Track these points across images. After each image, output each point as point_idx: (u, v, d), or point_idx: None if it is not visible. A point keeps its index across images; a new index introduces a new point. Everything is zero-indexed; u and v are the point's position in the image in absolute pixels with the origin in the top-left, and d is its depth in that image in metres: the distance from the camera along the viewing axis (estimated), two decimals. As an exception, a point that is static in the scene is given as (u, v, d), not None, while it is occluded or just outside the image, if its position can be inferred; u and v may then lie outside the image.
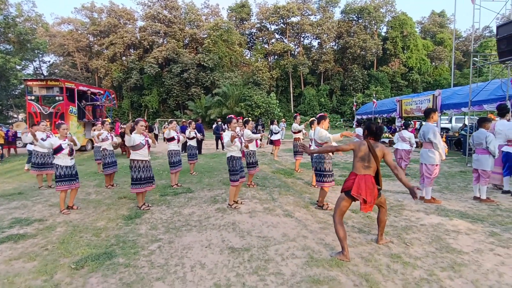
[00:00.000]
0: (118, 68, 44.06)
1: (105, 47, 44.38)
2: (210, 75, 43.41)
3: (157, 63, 42.40)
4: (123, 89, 44.76)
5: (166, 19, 44.59)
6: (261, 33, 50.29)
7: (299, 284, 2.86)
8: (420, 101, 15.22)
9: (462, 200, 5.52)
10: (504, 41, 8.59)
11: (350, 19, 48.67)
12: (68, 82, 14.09)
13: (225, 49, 44.28)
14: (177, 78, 43.41)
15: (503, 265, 3.12)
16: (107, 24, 43.20)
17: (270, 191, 6.58)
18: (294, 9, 45.65)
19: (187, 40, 48.09)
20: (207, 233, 4.20)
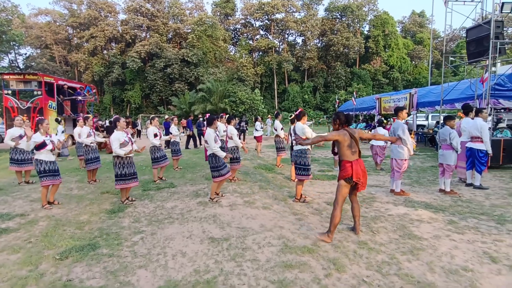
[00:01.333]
0: (99, 62, 43.08)
1: (85, 40, 43.23)
2: (194, 71, 43.12)
3: (139, 58, 41.69)
4: (105, 84, 43.81)
5: (149, 12, 43.85)
6: (246, 29, 50.28)
7: (273, 268, 3.10)
8: (398, 99, 15.80)
9: (429, 192, 5.93)
10: (473, 44, 9.12)
11: (334, 17, 49.33)
12: (47, 76, 13.77)
13: (210, 44, 44.02)
14: (160, 73, 42.90)
15: (456, 248, 3.48)
16: (87, 16, 42.07)
17: (251, 185, 6.81)
18: (278, 6, 45.81)
19: (171, 35, 47.49)
20: (188, 225, 4.38)
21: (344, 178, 3.74)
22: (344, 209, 4.80)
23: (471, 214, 4.60)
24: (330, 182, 7.01)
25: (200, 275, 3.00)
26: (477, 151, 6.07)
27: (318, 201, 5.43)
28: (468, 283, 2.78)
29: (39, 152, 5.33)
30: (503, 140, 8.50)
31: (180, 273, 3.05)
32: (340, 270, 3.04)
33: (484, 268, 3.04)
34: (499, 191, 5.97)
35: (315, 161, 10.03)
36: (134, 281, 2.93)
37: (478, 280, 2.82)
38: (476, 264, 3.12)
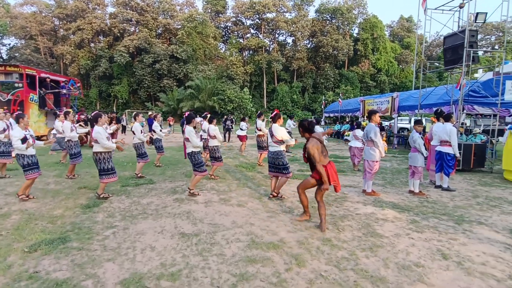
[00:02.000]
0: (86, 55, 42.33)
1: (71, 32, 42.36)
2: (183, 67, 42.87)
3: (127, 52, 41.17)
4: (91, 78, 43.08)
5: (138, 6, 43.32)
6: (237, 27, 50.24)
7: (237, 263, 3.23)
8: (380, 102, 16.19)
9: (398, 193, 6.17)
10: (450, 51, 9.47)
11: (324, 19, 49.79)
12: (29, 69, 13.54)
13: (199, 41, 43.82)
14: (148, 69, 42.48)
15: (413, 246, 3.69)
16: (74, 8, 41.25)
17: (229, 183, 6.93)
18: (269, 5, 45.93)
19: (160, 30, 47.06)
20: (162, 221, 4.47)
21: (316, 179, 4.04)
22: (315, 207, 4.99)
23: (434, 214, 4.84)
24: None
25: (166, 268, 3.11)
26: (445, 155, 6.35)
27: (292, 200, 5.59)
28: (417, 278, 2.97)
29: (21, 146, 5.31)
30: (474, 145, 8.87)
31: (147, 266, 3.14)
32: (300, 265, 3.20)
33: (434, 264, 3.25)
34: (464, 193, 6.26)
35: (296, 161, 10.22)
36: (100, 273, 3.01)
37: (427, 275, 3.02)
38: (428, 260, 3.33)
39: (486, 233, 4.08)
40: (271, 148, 5.70)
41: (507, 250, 3.58)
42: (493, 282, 2.91)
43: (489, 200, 5.74)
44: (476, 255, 3.45)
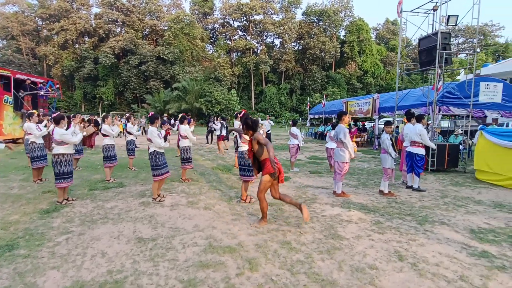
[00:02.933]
0: (70, 56, 41.57)
1: (55, 33, 41.54)
2: (170, 69, 42.53)
3: (113, 53, 40.62)
4: (75, 79, 42.32)
5: (124, 7, 42.80)
6: (224, 28, 50.13)
7: (188, 268, 3.14)
8: (362, 103, 16.33)
9: (369, 194, 6.18)
10: (424, 53, 9.59)
11: (311, 21, 50.15)
12: (3, 69, 13.15)
13: (186, 43, 43.56)
14: (134, 70, 41.97)
15: (371, 248, 3.66)
16: (58, 8, 40.48)
17: (202, 186, 6.82)
18: (257, 7, 46.01)
19: (147, 31, 46.59)
20: (121, 225, 4.34)
21: (270, 174, 4.06)
22: (282, 209, 4.93)
23: (399, 215, 4.84)
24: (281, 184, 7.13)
25: (112, 275, 2.99)
26: (415, 155, 6.39)
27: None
28: (368, 281, 2.93)
29: None
30: (448, 145, 8.99)
31: (92, 274, 3.02)
32: (253, 269, 3.12)
33: (389, 266, 3.22)
34: (434, 193, 6.31)
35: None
36: (41, 282, 2.87)
37: (379, 277, 2.98)
38: (383, 262, 3.30)
39: (446, 233, 4.09)
40: (239, 149, 5.63)
41: (463, 251, 3.58)
42: (443, 284, 2.89)
43: (456, 200, 5.79)
44: (432, 256, 3.44)
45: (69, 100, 42.15)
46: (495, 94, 10.65)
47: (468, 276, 3.01)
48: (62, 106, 40.63)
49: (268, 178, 4.17)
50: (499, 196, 6.20)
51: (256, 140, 4.19)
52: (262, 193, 4.25)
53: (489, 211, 5.14)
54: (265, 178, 4.18)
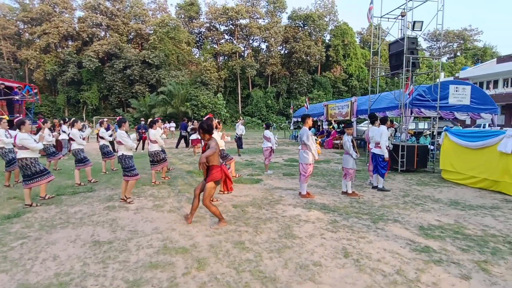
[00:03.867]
0: (52, 60, 40.90)
1: (37, 36, 40.80)
2: (156, 73, 42.32)
3: (97, 57, 40.19)
4: (58, 83, 41.65)
5: (108, 11, 42.46)
6: (210, 32, 50.27)
7: (136, 269, 3.20)
8: (341, 106, 16.64)
9: (334, 195, 6.34)
10: (394, 57, 9.89)
11: (296, 25, 50.79)
12: (-24, 74, 12.91)
13: (172, 46, 43.46)
14: (119, 74, 41.60)
15: (321, 246, 3.79)
16: (40, 11, 39.84)
17: (172, 189, 6.87)
18: (242, 12, 46.35)
19: (132, 35, 46.27)
20: (81, 229, 4.36)
21: (215, 181, 4.16)
22: (245, 210, 5.03)
23: (357, 214, 5.01)
24: (252, 186, 7.25)
25: (58, 278, 3.03)
26: (378, 156, 6.61)
27: (226, 204, 5.61)
28: (309, 277, 3.05)
29: None
30: (416, 146, 9.28)
31: (39, 277, 3.05)
32: (200, 268, 3.21)
33: (333, 262, 3.36)
34: (397, 193, 6.52)
35: (251, 165, 10.30)
36: (-15, 286, 2.89)
37: (320, 274, 3.11)
38: (328, 259, 3.43)
39: (396, 231, 4.26)
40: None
41: (407, 246, 3.75)
42: (379, 278, 3.04)
43: (416, 199, 6.01)
44: (376, 252, 3.59)
45: (52, 105, 41.41)
46: (464, 96, 11.06)
47: (405, 270, 3.17)
48: (44, 111, 39.91)
49: (212, 185, 4.28)
50: (458, 194, 6.46)
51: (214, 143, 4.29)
52: (207, 200, 4.29)
53: (444, 208, 5.37)
54: (210, 185, 4.28)
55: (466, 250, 3.65)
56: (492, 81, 30.69)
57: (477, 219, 4.81)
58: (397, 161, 9.20)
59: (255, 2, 49.69)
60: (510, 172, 6.33)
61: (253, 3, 49.49)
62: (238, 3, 48.92)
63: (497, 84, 30.37)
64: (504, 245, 3.83)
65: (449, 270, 3.17)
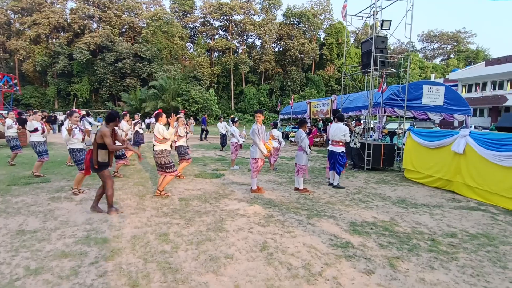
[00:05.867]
0: (43, 52, 40.51)
1: (27, 27, 40.36)
2: (148, 67, 42.09)
3: (88, 50, 39.85)
4: (48, 75, 41.27)
5: (100, 3, 42.07)
6: (205, 28, 50.04)
7: (44, 258, 3.19)
8: (322, 104, 16.69)
9: (287, 191, 6.36)
10: (365, 55, 9.91)
11: (291, 23, 50.65)
12: (-50, 63, 12.77)
13: (165, 41, 43.21)
14: (111, 67, 41.30)
15: (244, 239, 3.79)
16: (30, 1, 39.32)
17: (128, 181, 6.85)
18: (237, 7, 46.13)
19: (125, 28, 45.90)
20: (12, 219, 4.33)
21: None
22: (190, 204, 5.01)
23: (297, 210, 5.03)
24: (210, 180, 7.26)
25: (-39, 265, 3.02)
26: (337, 154, 6.63)
27: (173, 197, 5.61)
28: (213, 269, 3.06)
29: None
30: (383, 145, 9.33)
31: None
32: (109, 258, 3.21)
33: (246, 256, 3.37)
34: (351, 190, 6.56)
35: (222, 160, 10.31)
36: None
37: (226, 266, 3.12)
38: (243, 252, 3.45)
39: (326, 226, 4.29)
40: (154, 147, 5.71)
41: (327, 241, 3.78)
42: (283, 271, 3.06)
43: (366, 197, 6.05)
44: (294, 247, 3.61)
45: (41, 97, 41.08)
46: (438, 97, 11.12)
47: (312, 264, 3.19)
48: (34, 103, 39.60)
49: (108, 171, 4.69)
50: (410, 193, 6.51)
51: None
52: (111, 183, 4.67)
53: (387, 206, 5.41)
54: (106, 172, 4.63)
55: (385, 247, 3.68)
56: (480, 83, 30.88)
57: (414, 217, 4.86)
58: (363, 160, 9.26)
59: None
60: (461, 172, 6.39)
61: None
62: (233, -2, 48.67)
63: (485, 86, 30.58)
64: (426, 242, 3.87)
65: (356, 265, 3.20)
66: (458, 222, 4.65)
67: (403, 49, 61.92)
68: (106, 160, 4.51)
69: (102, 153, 4.44)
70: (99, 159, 4.44)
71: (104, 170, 4.54)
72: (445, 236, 4.10)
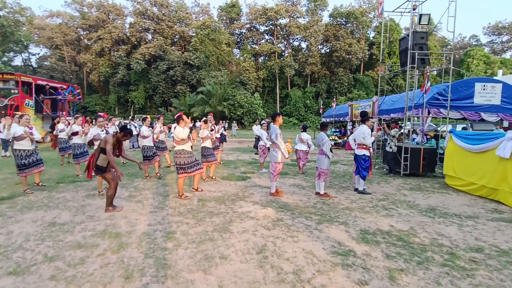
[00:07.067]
0: (106, 63, 44.83)
1: (93, 41, 45.10)
2: (196, 73, 44.15)
3: (143, 60, 43.15)
4: (110, 84, 45.54)
5: (155, 16, 45.30)
6: (250, 33, 51.05)
7: (63, 247, 3.57)
8: (364, 106, 15.96)
9: (306, 195, 6.22)
10: (404, 53, 9.30)
11: (338, 23, 49.32)
12: (25, 76, 14.83)
13: (212, 48, 44.96)
14: (163, 75, 44.19)
15: (245, 241, 3.82)
16: (96, 18, 43.92)
17: (158, 182, 7.30)
18: (282, 11, 46.32)
19: (176, 38, 48.79)
20: (50, 212, 4.91)
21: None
22: (206, 204, 5.20)
23: (309, 214, 4.90)
24: (235, 182, 7.40)
25: (-4, 249, 3.52)
26: (359, 157, 6.33)
27: (193, 198, 5.85)
28: (205, 268, 3.14)
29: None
30: (423, 149, 8.62)
31: (-17, 247, 3.57)
32: (115, 252, 3.48)
33: (241, 257, 3.40)
34: (377, 197, 6.18)
35: (254, 164, 10.43)
36: None
37: (218, 266, 3.18)
38: (239, 253, 3.48)
39: (333, 233, 4.12)
40: (175, 148, 6.01)
41: (329, 248, 3.64)
42: (272, 275, 3.03)
43: (391, 204, 5.66)
44: (292, 251, 3.55)
45: (104, 104, 45.48)
46: (493, 95, 10.03)
47: (304, 270, 3.11)
48: (98, 110, 43.97)
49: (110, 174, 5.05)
50: (444, 201, 5.93)
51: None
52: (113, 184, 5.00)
53: (411, 214, 5.01)
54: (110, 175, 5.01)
55: (392, 258, 3.43)
56: (559, 79, 26.81)
57: (438, 227, 4.43)
58: (400, 164, 8.66)
59: (295, 1, 49.28)
60: (508, 180, 5.65)
61: (293, 2, 49.14)
62: (278, 2, 48.97)
63: None
64: (443, 255, 3.52)
65: (351, 274, 3.04)
66: (490, 236, 4.13)
67: (465, 44, 56.55)
68: (104, 165, 4.87)
69: (102, 158, 4.82)
70: (97, 162, 4.82)
71: (102, 173, 4.91)
72: (468, 250, 3.68)
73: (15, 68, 40.25)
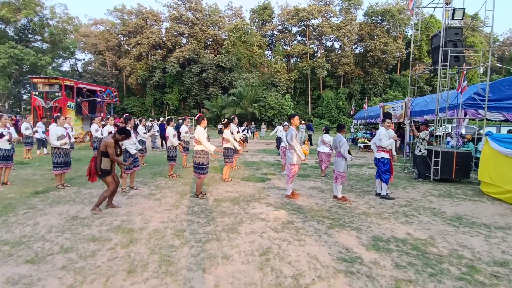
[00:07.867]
0: (143, 67, 47.06)
1: (132, 47, 47.57)
2: (228, 76, 44.92)
3: (178, 63, 44.70)
4: (147, 87, 47.70)
5: (189, 20, 46.80)
6: (282, 34, 50.98)
7: (79, 240, 3.79)
8: (396, 107, 15.26)
9: (323, 198, 6.05)
10: (436, 51, 8.79)
11: (373, 22, 47.70)
12: (67, 80, 16.01)
13: (244, 50, 45.48)
14: (196, 78, 45.47)
15: (251, 242, 3.80)
16: (135, 25, 46.31)
17: (178, 181, 7.51)
18: (314, 12, 45.77)
19: (209, 41, 50.01)
20: (75, 207, 5.24)
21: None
22: (219, 204, 5.28)
23: (322, 218, 4.77)
24: (253, 183, 7.41)
25: (22, 238, 3.82)
26: (378, 160, 6.05)
27: (209, 198, 5.94)
28: (205, 267, 3.18)
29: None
30: (456, 153, 8.04)
31: (11, 235, 3.89)
32: (124, 246, 3.63)
33: (243, 258, 3.39)
34: (399, 202, 5.87)
35: (276, 165, 10.38)
36: (-27, 238, 3.84)
37: (218, 266, 3.20)
38: (242, 254, 3.47)
39: (343, 238, 3.97)
40: (195, 148, 6.15)
41: (336, 254, 3.51)
42: (271, 278, 2.99)
43: (413, 210, 5.34)
44: (296, 255, 3.47)
45: (141, 106, 47.76)
46: (541, 95, 9.16)
47: (304, 275, 3.03)
48: (136, 111, 46.30)
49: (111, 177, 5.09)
50: (474, 210, 5.48)
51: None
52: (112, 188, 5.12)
53: (433, 222, 4.68)
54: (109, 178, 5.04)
55: (402, 267, 3.23)
56: None
57: (462, 237, 4.10)
58: (430, 169, 8.15)
59: (328, 1, 48.44)
60: (549, 188, 5.10)
61: (326, 2, 48.33)
62: (311, 3, 48.43)
63: None
64: (460, 268, 3.25)
65: (353, 282, 2.91)
66: (520, 249, 3.75)
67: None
68: (108, 168, 4.97)
69: (105, 161, 4.91)
70: (102, 166, 4.88)
71: (106, 176, 4.96)
72: (491, 264, 3.37)
73: (63, 74, 43.68)
